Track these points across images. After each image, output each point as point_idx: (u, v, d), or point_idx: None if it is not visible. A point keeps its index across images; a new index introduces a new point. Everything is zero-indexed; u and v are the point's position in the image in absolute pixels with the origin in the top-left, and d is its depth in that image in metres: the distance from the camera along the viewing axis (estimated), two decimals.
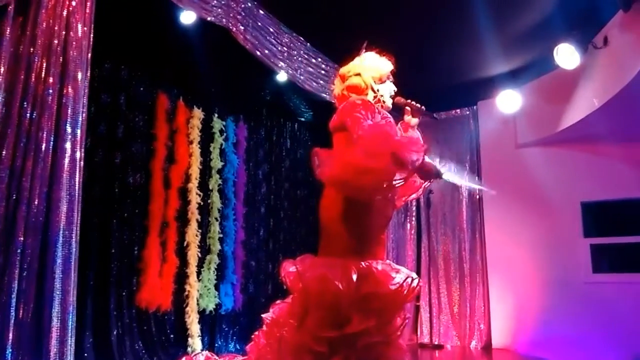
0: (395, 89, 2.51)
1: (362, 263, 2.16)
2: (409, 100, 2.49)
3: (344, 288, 2.07)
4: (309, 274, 2.14)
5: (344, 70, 2.53)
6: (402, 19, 4.69)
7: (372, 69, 2.46)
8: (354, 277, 2.10)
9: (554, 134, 5.77)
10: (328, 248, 2.27)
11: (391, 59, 2.52)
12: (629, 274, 5.48)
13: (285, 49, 4.78)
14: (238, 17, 4.20)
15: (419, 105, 2.47)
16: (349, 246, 2.21)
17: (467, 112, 6.73)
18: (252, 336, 2.36)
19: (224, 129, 5.19)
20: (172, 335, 4.44)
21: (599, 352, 5.17)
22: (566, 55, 4.89)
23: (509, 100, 5.99)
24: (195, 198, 4.73)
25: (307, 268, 2.18)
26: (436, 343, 6.26)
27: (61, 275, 2.60)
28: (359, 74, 2.45)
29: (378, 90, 2.44)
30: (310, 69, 5.12)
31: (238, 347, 4.94)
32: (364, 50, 2.53)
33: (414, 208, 6.88)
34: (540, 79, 5.83)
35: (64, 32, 2.80)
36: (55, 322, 2.55)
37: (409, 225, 6.86)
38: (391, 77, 2.51)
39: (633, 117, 4.94)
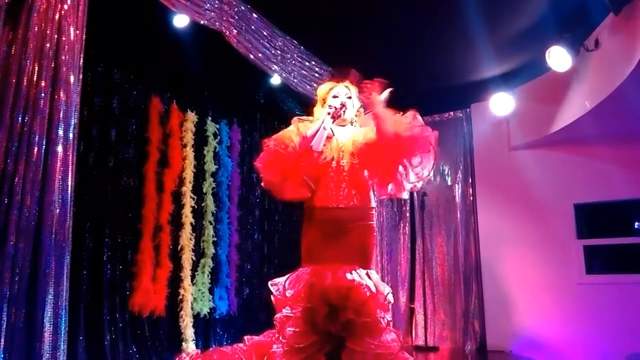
0: (334, 104, 2.79)
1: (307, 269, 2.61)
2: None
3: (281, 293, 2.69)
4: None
5: None
6: (396, 22, 4.71)
7: (319, 102, 2.93)
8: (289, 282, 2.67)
9: (546, 136, 5.80)
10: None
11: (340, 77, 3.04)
12: (622, 275, 5.52)
13: (279, 52, 4.79)
14: (231, 20, 4.21)
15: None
16: (305, 255, 2.79)
17: (461, 115, 6.75)
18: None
19: (217, 132, 5.18)
20: (166, 340, 4.41)
21: (592, 352, 5.20)
22: (558, 58, 4.92)
23: (501, 103, 6.03)
24: (189, 201, 4.71)
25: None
26: (431, 345, 6.27)
27: (53, 280, 2.58)
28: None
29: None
30: (304, 72, 5.12)
31: None
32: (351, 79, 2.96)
33: (408, 210, 6.90)
34: (533, 81, 5.87)
35: (56, 36, 2.79)
36: (48, 327, 2.53)
37: (403, 227, 6.87)
38: (338, 93, 2.84)
39: (624, 119, 4.98)
